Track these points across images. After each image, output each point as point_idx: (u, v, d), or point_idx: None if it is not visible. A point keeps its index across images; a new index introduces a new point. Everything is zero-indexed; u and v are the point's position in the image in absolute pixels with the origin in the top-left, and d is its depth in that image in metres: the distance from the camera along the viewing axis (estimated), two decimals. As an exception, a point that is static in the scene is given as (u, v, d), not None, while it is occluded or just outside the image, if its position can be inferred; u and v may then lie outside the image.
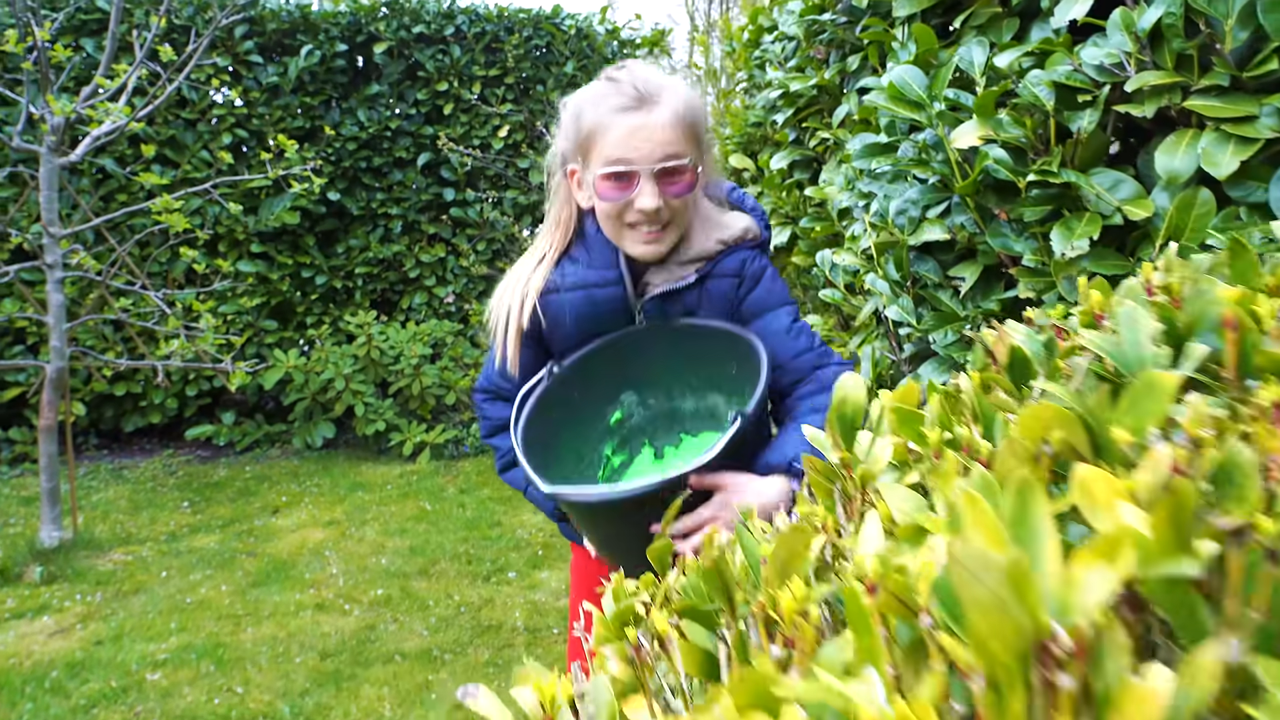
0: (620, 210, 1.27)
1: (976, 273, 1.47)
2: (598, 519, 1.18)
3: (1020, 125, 1.31)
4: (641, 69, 1.28)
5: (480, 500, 4.02)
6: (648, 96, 1.23)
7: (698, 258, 1.35)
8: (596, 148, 1.26)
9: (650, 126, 1.22)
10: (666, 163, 1.24)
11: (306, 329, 5.25)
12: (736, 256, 1.36)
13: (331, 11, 5.10)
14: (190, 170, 4.86)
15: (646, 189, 1.24)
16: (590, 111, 1.25)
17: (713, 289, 1.34)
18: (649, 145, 1.22)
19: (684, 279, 1.33)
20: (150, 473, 4.65)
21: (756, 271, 1.37)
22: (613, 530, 1.18)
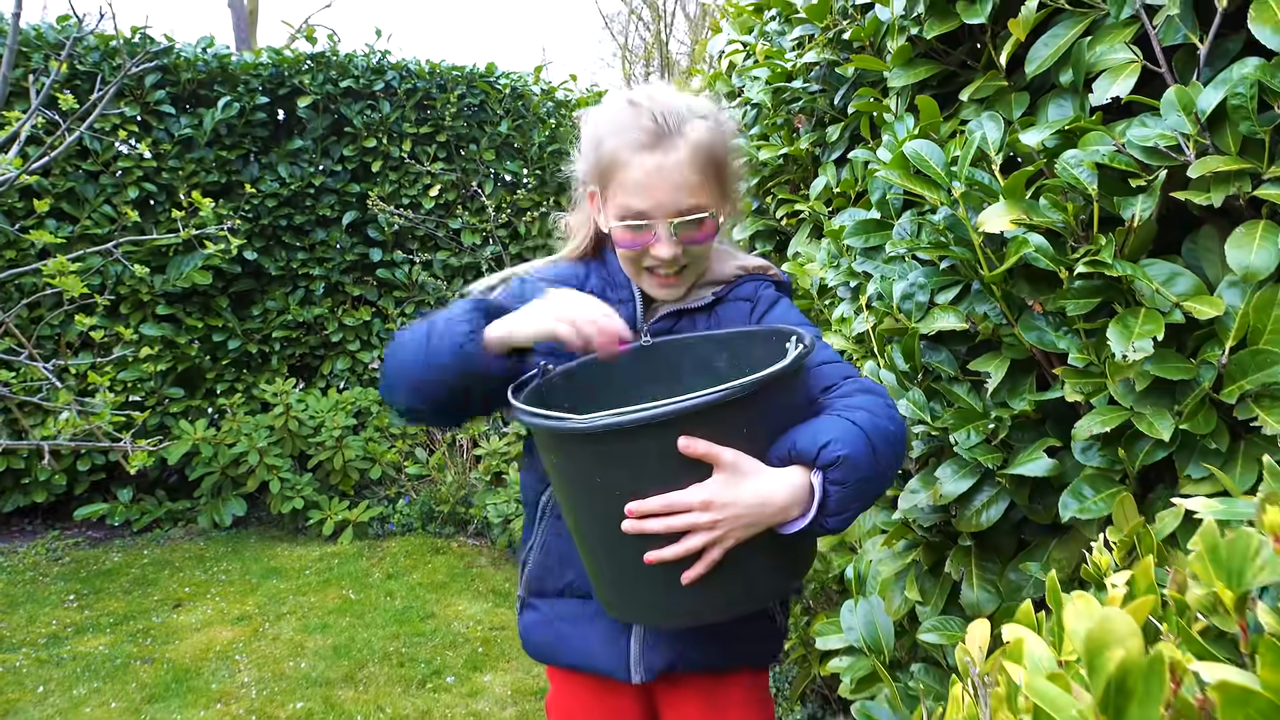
0: (638, 255, 1.19)
1: (1003, 368, 1.33)
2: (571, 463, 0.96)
3: (1060, 210, 1.19)
4: (663, 94, 1.16)
5: (410, 587, 3.70)
6: (666, 131, 1.13)
7: (714, 281, 1.28)
8: (613, 184, 1.17)
9: (668, 170, 1.12)
10: (685, 216, 1.15)
11: (217, 397, 4.85)
12: (751, 284, 1.29)
13: (252, 63, 4.84)
14: (90, 226, 4.47)
15: (663, 238, 1.16)
16: (609, 141, 1.15)
17: (724, 314, 1.26)
18: (667, 191, 1.13)
19: (698, 300, 1.25)
20: (30, 559, 4.15)
21: (771, 296, 1.29)
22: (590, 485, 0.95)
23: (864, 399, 1.04)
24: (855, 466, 0.93)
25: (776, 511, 0.93)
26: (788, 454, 0.96)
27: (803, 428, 0.98)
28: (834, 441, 0.94)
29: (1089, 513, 1.11)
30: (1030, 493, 1.30)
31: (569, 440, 0.92)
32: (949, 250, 1.34)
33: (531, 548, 1.28)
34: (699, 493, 0.90)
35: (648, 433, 0.88)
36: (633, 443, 0.89)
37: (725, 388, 0.88)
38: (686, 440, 0.88)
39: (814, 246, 2.10)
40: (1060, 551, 1.27)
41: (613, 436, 0.88)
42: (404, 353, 1.09)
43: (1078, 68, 1.29)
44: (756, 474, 0.93)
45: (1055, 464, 1.21)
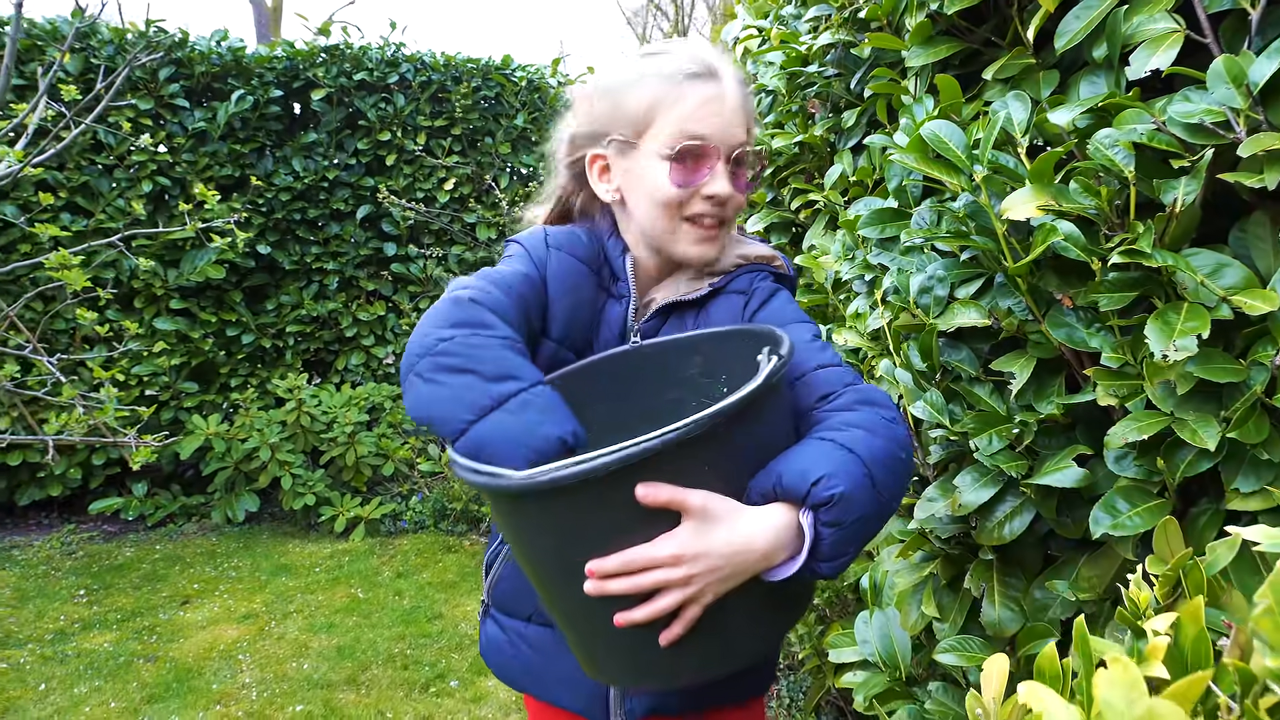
0: (685, 199, 1.05)
1: (1029, 368, 1.22)
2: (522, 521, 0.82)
3: (1093, 195, 1.08)
4: (694, 45, 1.07)
5: (419, 586, 3.64)
6: (711, 70, 1.04)
7: (714, 271, 1.15)
8: (659, 123, 1.04)
9: (725, 99, 1.04)
10: (741, 148, 1.06)
11: (230, 392, 4.82)
12: (747, 276, 1.15)
13: (266, 56, 4.80)
14: (104, 220, 4.45)
15: (720, 172, 1.05)
16: (649, 81, 1.04)
17: (715, 310, 1.12)
18: (725, 122, 1.04)
19: (694, 291, 1.12)
20: (45, 553, 4.14)
21: (767, 289, 1.15)
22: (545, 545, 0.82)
23: (864, 414, 0.93)
24: (852, 504, 0.82)
25: (758, 559, 0.81)
26: (772, 490, 0.83)
27: (788, 458, 0.85)
28: (827, 477, 0.81)
29: (1123, 529, 1.01)
30: (1058, 504, 1.19)
31: (507, 498, 0.79)
32: (970, 240, 1.23)
33: (499, 555, 1.17)
34: (666, 545, 0.77)
35: (599, 485, 0.74)
36: (584, 496, 0.75)
37: (684, 425, 0.74)
38: (645, 488, 0.75)
39: (829, 238, 2.00)
40: (1091, 569, 1.17)
41: (559, 493, 0.74)
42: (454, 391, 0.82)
43: (1113, 40, 1.17)
44: (731, 517, 0.81)
45: (1085, 474, 1.10)
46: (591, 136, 1.11)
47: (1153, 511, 1.02)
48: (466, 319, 0.87)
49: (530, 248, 1.10)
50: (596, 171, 1.13)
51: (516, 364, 0.84)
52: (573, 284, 1.08)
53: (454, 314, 0.88)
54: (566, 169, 1.17)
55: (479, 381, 0.81)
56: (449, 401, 0.80)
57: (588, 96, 1.13)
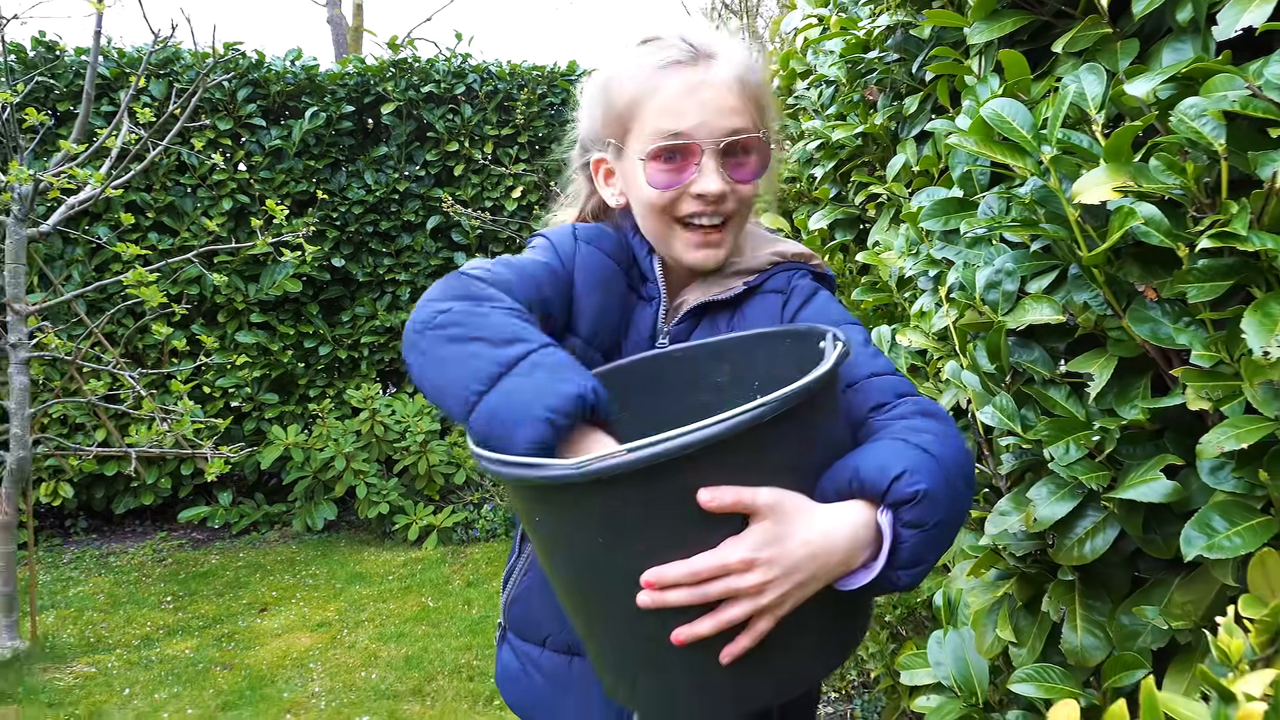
0: (673, 201, 0.98)
1: (1109, 368, 1.10)
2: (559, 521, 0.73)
3: (1177, 172, 0.96)
4: (689, 25, 0.99)
5: (489, 595, 3.63)
6: (703, 51, 0.95)
7: (747, 270, 1.06)
8: (640, 120, 0.96)
9: (711, 85, 0.94)
10: (733, 136, 0.95)
11: (309, 402, 4.94)
12: (784, 274, 1.06)
13: (338, 73, 4.91)
14: (189, 238, 4.62)
15: (709, 167, 0.95)
16: (629, 77, 0.97)
17: (751, 310, 1.04)
18: (710, 110, 0.94)
19: (727, 290, 1.03)
20: (138, 560, 4.31)
21: (808, 288, 1.06)
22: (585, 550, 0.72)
23: (929, 423, 0.85)
24: (935, 505, 0.75)
25: (838, 563, 0.73)
26: (848, 485, 0.76)
27: (864, 452, 0.78)
28: (909, 472, 0.74)
29: (1220, 551, 0.89)
30: (1145, 520, 1.07)
31: (550, 492, 0.70)
32: (1039, 228, 1.12)
33: (515, 570, 1.10)
34: (736, 549, 0.69)
35: (659, 476, 0.66)
36: (639, 490, 0.67)
37: (756, 405, 0.67)
38: (709, 493, 0.67)
39: (894, 233, 1.89)
40: (1185, 594, 1.04)
41: (610, 485, 0.66)
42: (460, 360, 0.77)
43: (1199, 1, 1.05)
44: (807, 515, 0.73)
45: (1176, 487, 0.98)
46: (592, 140, 1.06)
47: (1255, 531, 0.89)
48: (467, 293, 0.83)
49: (556, 241, 1.04)
50: (602, 176, 1.07)
51: (522, 328, 0.78)
52: (601, 279, 1.02)
53: (454, 287, 0.84)
54: (580, 172, 1.11)
55: (485, 348, 0.75)
56: (455, 373, 0.75)
57: (588, 96, 1.07)
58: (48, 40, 4.47)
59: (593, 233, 1.06)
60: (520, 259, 0.97)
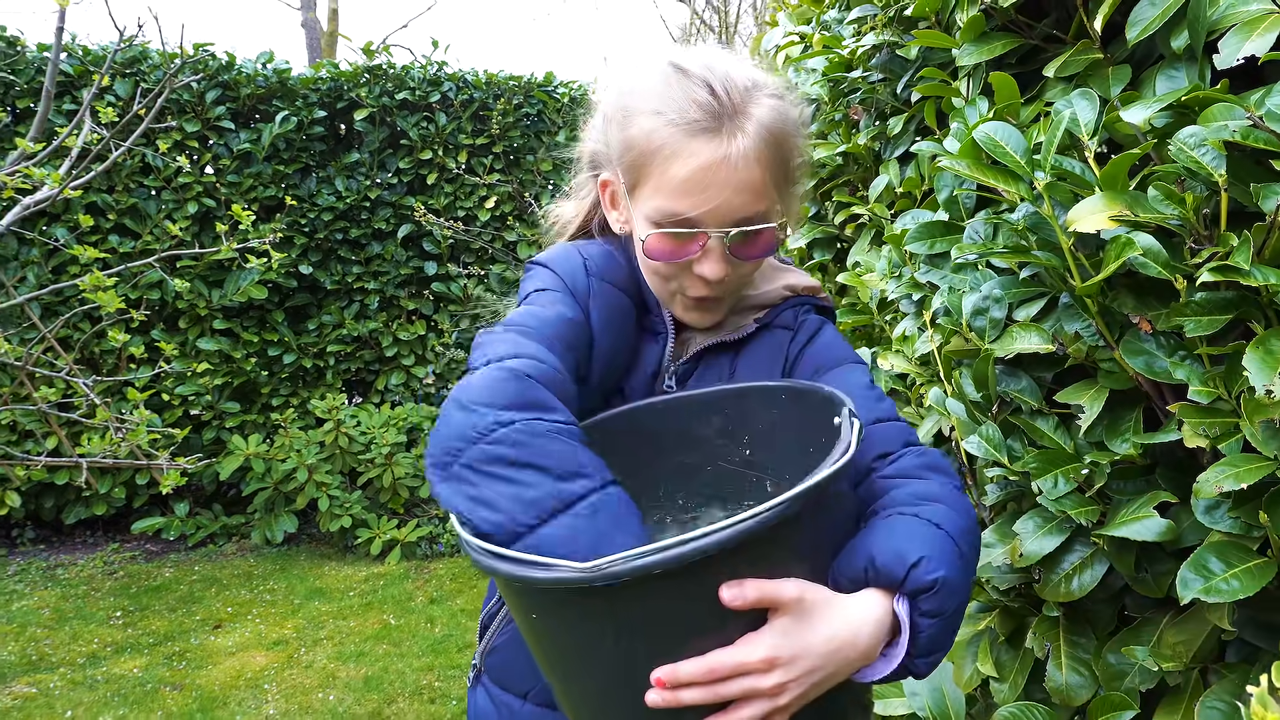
0: (672, 274, 0.93)
1: (1100, 401, 1.07)
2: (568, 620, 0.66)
3: (1176, 203, 0.94)
4: (720, 60, 0.89)
5: (452, 613, 3.55)
6: (730, 110, 0.85)
7: (758, 305, 1.01)
8: (651, 176, 0.88)
9: (730, 164, 0.84)
10: (746, 226, 0.88)
11: (272, 412, 4.82)
12: (792, 310, 1.02)
13: (311, 77, 4.83)
14: (151, 241, 4.50)
15: (714, 253, 0.89)
16: (649, 127, 0.87)
17: (757, 349, 0.99)
18: (725, 193, 0.85)
19: (739, 330, 0.99)
20: (87, 572, 4.16)
21: (814, 324, 1.02)
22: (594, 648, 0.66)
23: (936, 485, 0.80)
24: (952, 591, 0.71)
25: (859, 656, 0.69)
26: (863, 573, 0.71)
27: (875, 536, 0.73)
28: (926, 559, 0.70)
29: (1217, 594, 0.86)
30: (1136, 558, 1.04)
31: (557, 595, 0.64)
32: (1030, 256, 1.09)
33: (495, 618, 1.02)
34: (756, 648, 0.64)
35: (680, 575, 0.61)
36: (658, 589, 0.62)
37: (780, 501, 0.61)
38: (732, 591, 0.62)
39: (875, 254, 1.86)
40: (1177, 635, 1.01)
41: (626, 587, 0.60)
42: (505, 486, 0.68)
43: (1196, 27, 1.03)
44: (829, 608, 0.69)
45: (1170, 525, 0.95)
46: (604, 159, 0.99)
47: (1253, 574, 0.87)
48: (524, 399, 0.71)
49: (568, 278, 0.95)
50: (609, 198, 1.00)
51: (586, 459, 0.69)
52: (619, 324, 0.95)
53: (508, 392, 0.71)
54: (589, 177, 1.06)
55: (546, 480, 0.66)
56: (507, 501, 0.65)
57: (606, 111, 0.98)
58: (8, 35, 4.34)
59: (604, 263, 0.98)
60: (546, 320, 0.86)
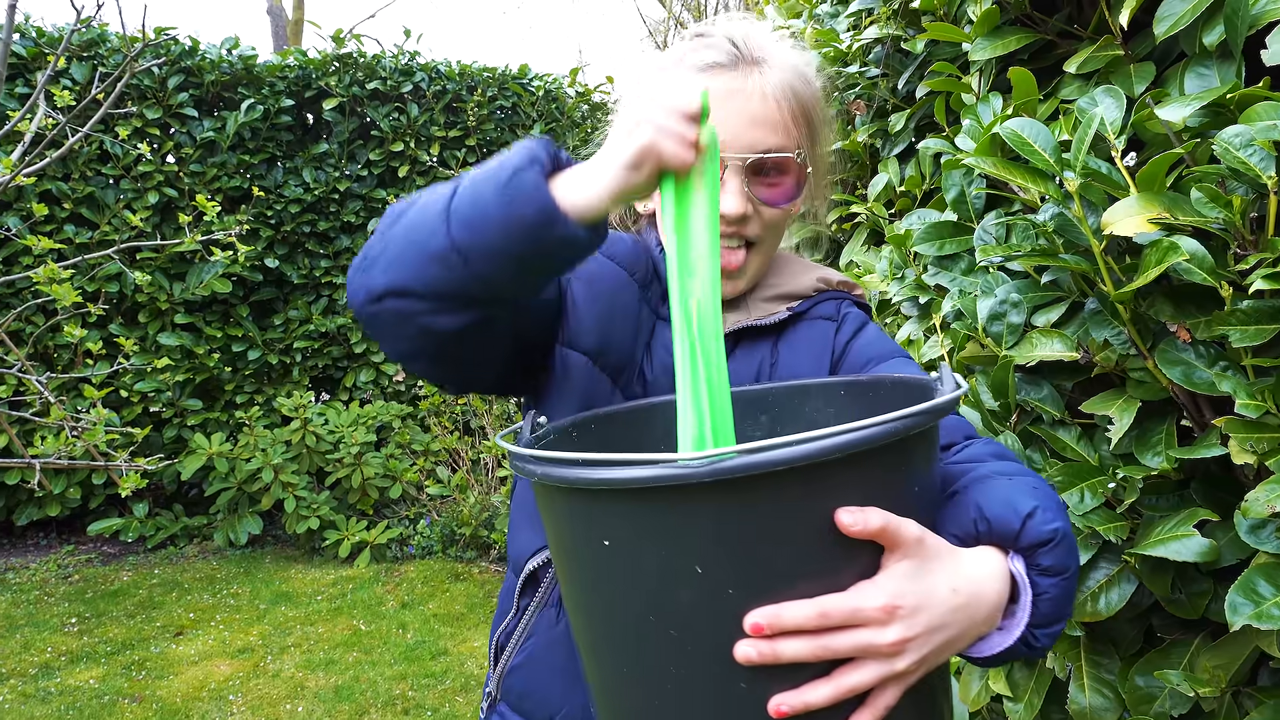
0: None
1: (1130, 412, 1.02)
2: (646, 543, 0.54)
3: (1222, 205, 0.89)
4: (741, 24, 0.89)
5: (424, 618, 3.45)
6: (749, 56, 0.86)
7: (790, 294, 0.94)
8: None
9: (747, 94, 0.84)
10: (766, 154, 0.84)
11: (236, 410, 4.67)
12: (833, 302, 0.96)
13: (278, 64, 4.68)
14: (109, 232, 4.33)
15: (731, 185, 0.84)
16: (665, 71, 0.89)
17: (799, 338, 0.92)
18: (742, 122, 0.83)
19: (769, 315, 0.92)
20: (40, 576, 3.99)
21: (860, 316, 0.96)
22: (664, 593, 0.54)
23: (1010, 464, 0.74)
24: (1071, 547, 0.63)
25: (984, 619, 0.60)
26: (972, 525, 0.63)
27: (979, 490, 0.66)
28: (1041, 509, 0.61)
29: (1270, 620, 0.81)
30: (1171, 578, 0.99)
31: (647, 499, 0.52)
32: (1057, 259, 1.04)
33: (514, 633, 0.92)
34: (873, 593, 0.54)
35: (800, 484, 0.51)
36: (773, 501, 0.51)
37: (911, 412, 0.53)
38: (852, 514, 0.52)
39: (873, 255, 1.81)
40: (1214, 658, 0.96)
41: (738, 491, 0.50)
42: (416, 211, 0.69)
43: (1235, 21, 0.98)
44: (951, 557, 0.59)
45: (1211, 545, 0.90)
46: None
47: (1309, 599, 0.82)
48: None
49: None
50: None
51: None
52: (606, 289, 0.91)
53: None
54: None
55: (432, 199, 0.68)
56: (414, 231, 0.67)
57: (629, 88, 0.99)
58: (-42, 13, 4.15)
59: None
60: None
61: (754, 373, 0.90)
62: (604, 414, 0.79)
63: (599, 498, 0.54)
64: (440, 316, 0.68)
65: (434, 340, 0.70)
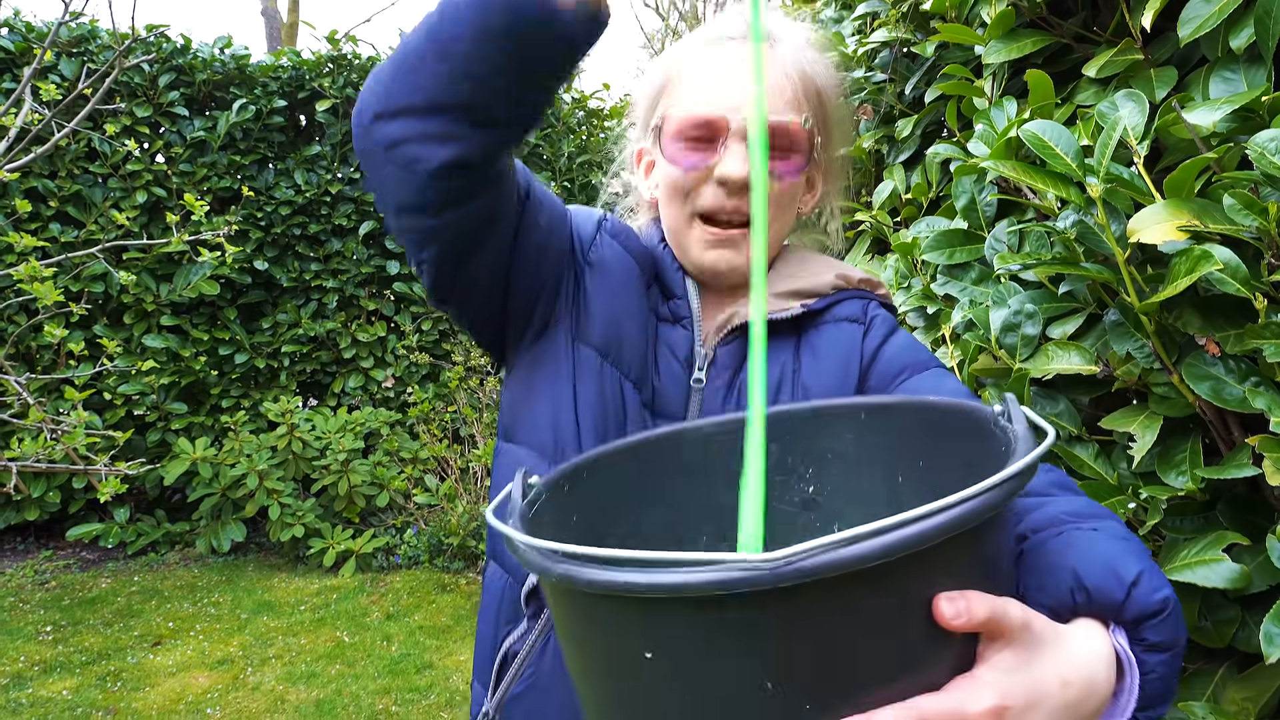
0: (692, 186, 0.83)
1: (1153, 429, 0.98)
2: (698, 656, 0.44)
3: (1256, 213, 0.84)
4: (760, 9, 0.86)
5: (409, 631, 3.38)
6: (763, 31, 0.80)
7: (806, 291, 0.86)
8: (672, 95, 0.85)
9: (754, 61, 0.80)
10: (774, 117, 0.80)
11: (221, 414, 4.60)
12: (858, 302, 0.88)
13: (271, 65, 4.62)
14: (96, 231, 4.25)
15: (734, 149, 0.80)
16: (674, 50, 0.87)
17: (821, 341, 0.84)
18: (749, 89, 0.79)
19: (785, 310, 0.84)
20: (15, 583, 3.90)
21: (889, 319, 0.89)
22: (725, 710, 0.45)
23: (1079, 500, 0.65)
24: (1179, 619, 0.54)
25: (1093, 712, 0.51)
26: (1069, 596, 0.54)
27: (1072, 549, 0.57)
28: (1146, 574, 0.53)
29: (1309, 653, 0.76)
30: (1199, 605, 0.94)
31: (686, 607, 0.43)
32: (1080, 268, 0.99)
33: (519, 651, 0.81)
34: (981, 693, 0.45)
35: (886, 577, 0.43)
36: (850, 599, 0.43)
37: (997, 481, 0.44)
38: (953, 604, 0.44)
39: (876, 264, 1.76)
40: (1242, 690, 0.91)
41: (816, 592, 0.42)
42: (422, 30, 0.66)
43: (1266, 24, 0.94)
44: (1060, 641, 0.51)
45: (1243, 571, 0.85)
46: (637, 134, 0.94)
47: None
48: None
49: (577, 219, 0.91)
50: (643, 168, 0.94)
51: None
52: (619, 283, 0.86)
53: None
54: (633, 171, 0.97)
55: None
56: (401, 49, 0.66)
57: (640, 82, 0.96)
58: (-56, 8, 4.09)
59: (620, 228, 0.92)
60: None
61: (776, 379, 0.83)
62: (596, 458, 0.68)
63: (643, 605, 0.44)
64: (430, 145, 0.66)
65: (427, 187, 0.68)
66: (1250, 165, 0.89)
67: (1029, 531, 0.62)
